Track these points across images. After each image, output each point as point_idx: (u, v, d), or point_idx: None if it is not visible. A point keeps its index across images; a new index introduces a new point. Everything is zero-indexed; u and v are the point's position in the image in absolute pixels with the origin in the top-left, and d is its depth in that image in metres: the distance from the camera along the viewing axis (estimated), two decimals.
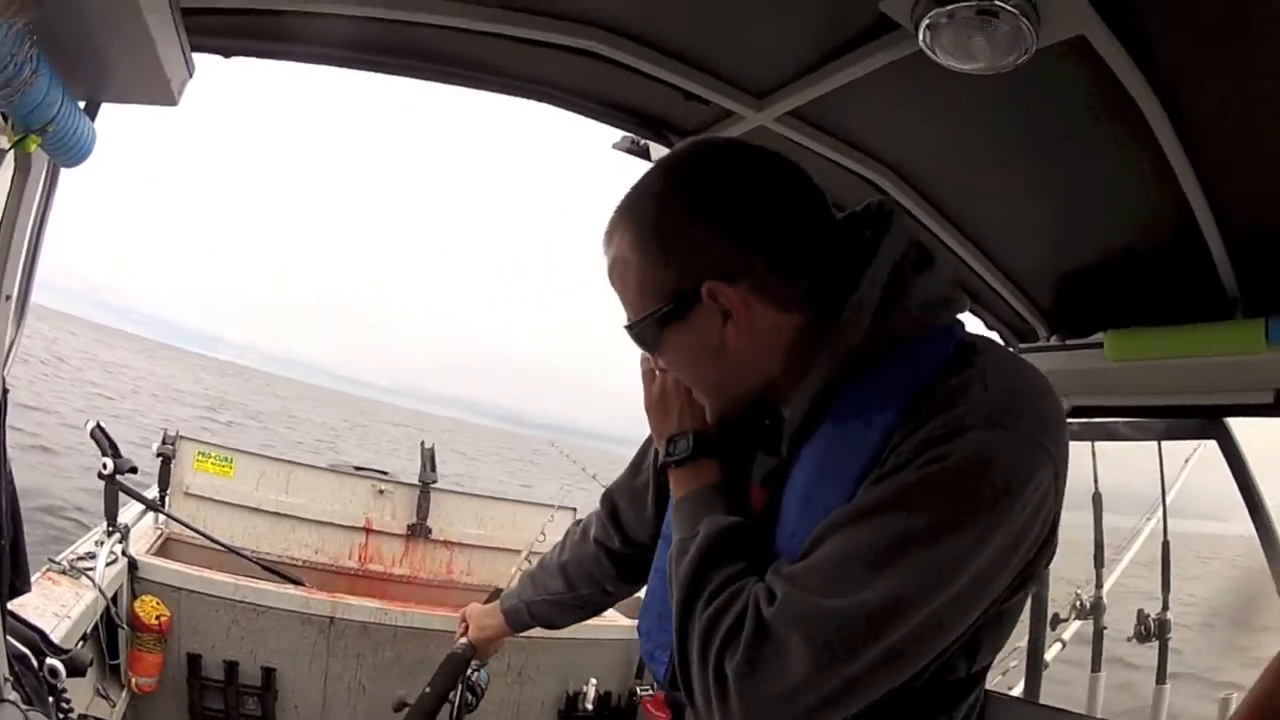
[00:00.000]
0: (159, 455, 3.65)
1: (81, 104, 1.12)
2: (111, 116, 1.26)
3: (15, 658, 1.64)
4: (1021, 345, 2.12)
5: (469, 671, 1.69)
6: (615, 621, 3.77)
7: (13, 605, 1.97)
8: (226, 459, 3.85)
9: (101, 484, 2.97)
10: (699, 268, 0.88)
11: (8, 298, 1.26)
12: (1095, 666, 3.59)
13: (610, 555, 1.38)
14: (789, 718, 0.80)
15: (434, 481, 4.20)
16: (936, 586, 0.77)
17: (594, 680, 3.61)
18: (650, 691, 3.43)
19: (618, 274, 0.96)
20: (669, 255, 0.91)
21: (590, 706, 3.59)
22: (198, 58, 1.26)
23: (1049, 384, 0.87)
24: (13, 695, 1.51)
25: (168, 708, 3.08)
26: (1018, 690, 2.70)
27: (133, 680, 2.88)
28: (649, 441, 1.24)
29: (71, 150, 1.09)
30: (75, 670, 1.84)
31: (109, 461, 2.89)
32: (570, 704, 3.63)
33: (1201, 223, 1.45)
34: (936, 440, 0.79)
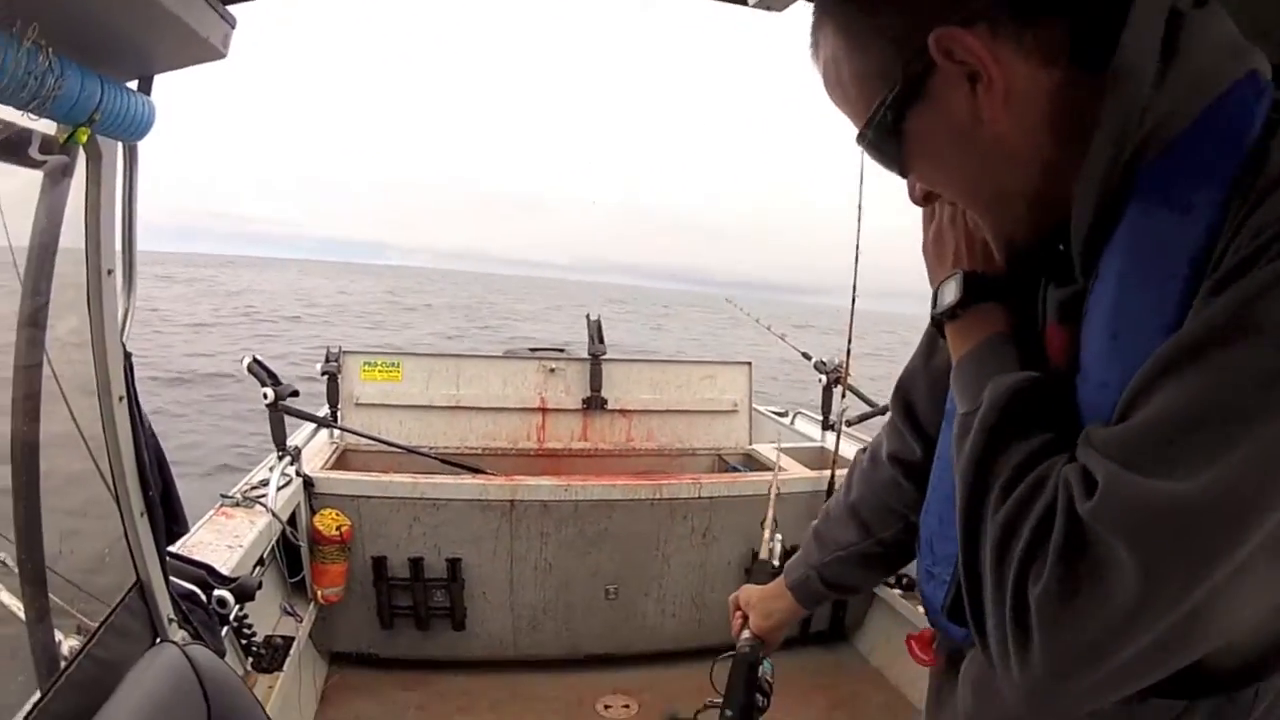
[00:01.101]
0: (324, 374, 3.81)
1: (134, 83, 1.16)
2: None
3: (182, 596, 1.78)
4: None
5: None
6: (797, 474, 3.71)
7: (183, 546, 2.14)
8: (393, 364, 3.96)
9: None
10: (920, 18, 0.66)
11: (109, 272, 1.34)
12: None
13: (911, 473, 1.08)
14: (1113, 672, 0.56)
15: (603, 353, 4.18)
16: None
17: (779, 536, 3.57)
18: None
19: (833, 80, 0.76)
20: (881, 21, 0.69)
21: (776, 562, 3.55)
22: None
23: None
24: (178, 635, 1.63)
25: (357, 612, 3.31)
26: None
27: (318, 593, 3.08)
28: None
29: (128, 129, 1.12)
30: (244, 596, 1.98)
31: (269, 391, 3.03)
32: (755, 560, 3.63)
33: None
34: None
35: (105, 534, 1.51)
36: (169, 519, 1.62)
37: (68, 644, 1.36)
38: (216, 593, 1.91)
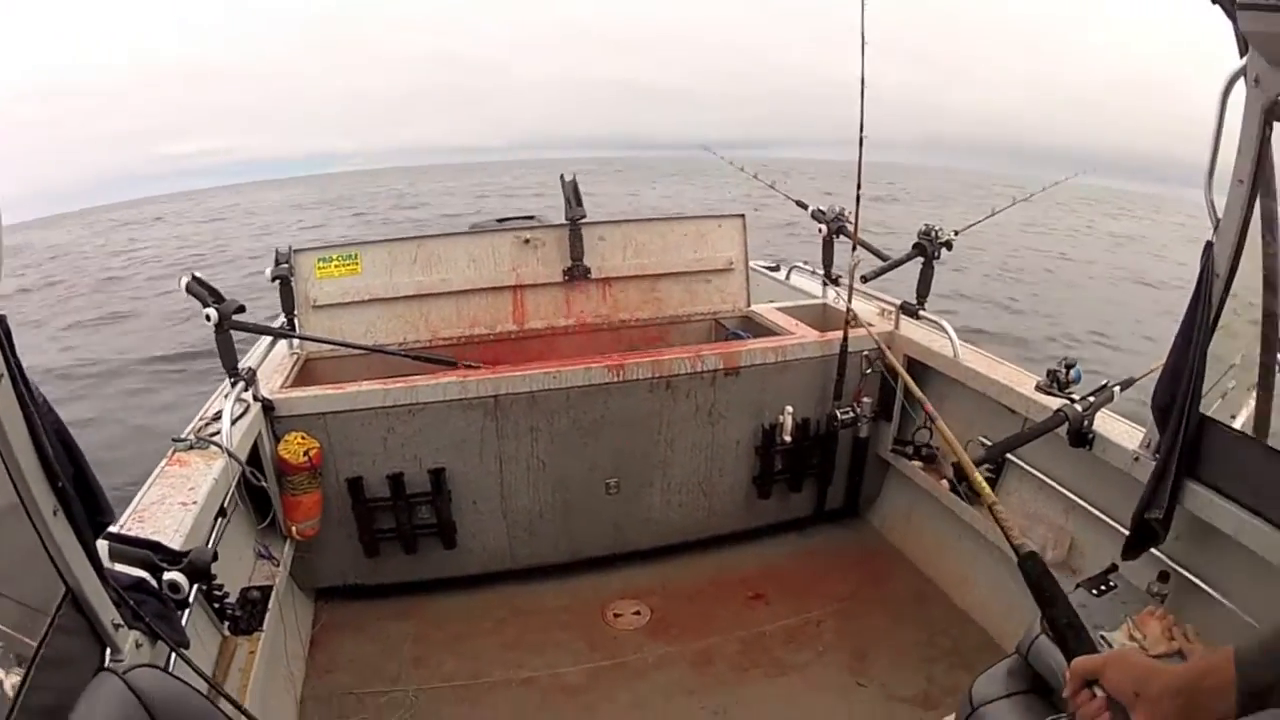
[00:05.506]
0: (275, 278, 3.43)
1: None
2: None
3: (129, 587, 1.54)
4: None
5: None
6: (805, 337, 3.47)
7: (132, 511, 1.85)
8: (350, 255, 3.57)
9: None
10: None
11: None
12: None
13: None
14: None
15: (582, 217, 3.74)
16: None
17: (790, 409, 3.37)
18: None
19: None
20: None
21: (789, 438, 3.38)
22: None
23: None
24: (129, 640, 1.39)
25: (337, 542, 3.10)
26: (1241, 421, 2.17)
27: (293, 529, 2.86)
28: None
29: None
30: (197, 575, 1.72)
31: (212, 311, 2.66)
32: (767, 437, 3.44)
33: None
34: None
35: (17, 546, 1.22)
36: (90, 510, 1.33)
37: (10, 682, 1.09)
38: (166, 576, 1.66)
